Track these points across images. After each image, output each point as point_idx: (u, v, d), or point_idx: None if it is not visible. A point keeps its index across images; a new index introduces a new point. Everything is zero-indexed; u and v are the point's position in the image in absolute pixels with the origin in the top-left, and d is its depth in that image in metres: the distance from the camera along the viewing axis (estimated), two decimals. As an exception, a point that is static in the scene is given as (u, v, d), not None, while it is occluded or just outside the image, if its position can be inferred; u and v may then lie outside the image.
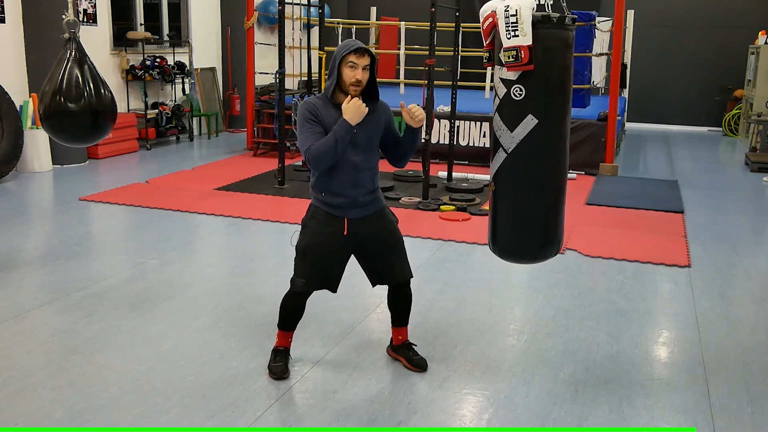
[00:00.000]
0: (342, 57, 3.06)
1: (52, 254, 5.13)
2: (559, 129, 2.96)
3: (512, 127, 2.91)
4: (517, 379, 3.37)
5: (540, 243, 3.05)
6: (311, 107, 3.12)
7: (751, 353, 3.73)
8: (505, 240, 3.09)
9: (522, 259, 3.17)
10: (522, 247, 3.08)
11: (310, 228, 3.22)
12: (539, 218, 3.02)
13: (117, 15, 9.70)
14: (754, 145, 10.18)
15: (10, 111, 7.65)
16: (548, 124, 2.90)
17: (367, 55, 3.07)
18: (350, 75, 3.06)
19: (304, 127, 3.10)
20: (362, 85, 3.09)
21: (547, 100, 2.89)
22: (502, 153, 2.95)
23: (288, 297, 3.32)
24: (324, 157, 3.03)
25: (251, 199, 6.92)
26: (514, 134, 2.91)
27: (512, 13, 2.78)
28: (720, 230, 6.15)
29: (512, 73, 2.87)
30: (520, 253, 3.12)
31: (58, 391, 3.15)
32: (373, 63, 3.10)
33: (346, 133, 3.03)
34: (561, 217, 3.09)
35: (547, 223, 3.03)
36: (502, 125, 2.94)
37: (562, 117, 2.95)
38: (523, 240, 3.06)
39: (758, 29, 12.18)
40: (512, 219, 3.04)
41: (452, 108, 7.58)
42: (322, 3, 8.17)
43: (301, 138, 3.10)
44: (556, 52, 2.85)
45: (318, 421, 2.97)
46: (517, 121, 2.90)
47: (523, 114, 2.88)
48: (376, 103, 3.20)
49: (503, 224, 3.06)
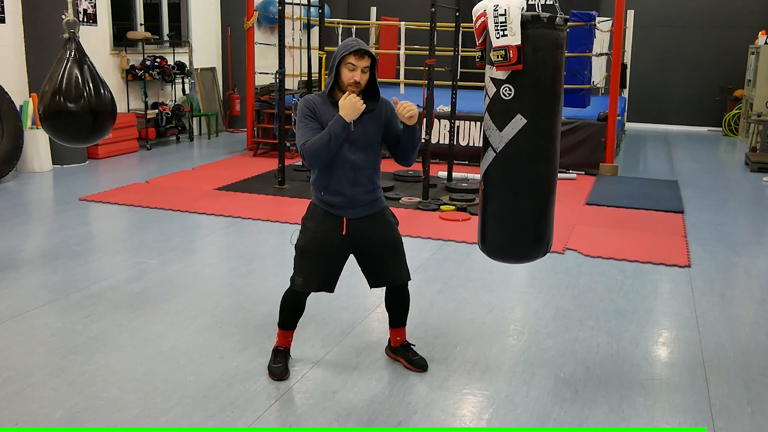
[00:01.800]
0: (341, 57, 3.06)
1: (52, 254, 5.13)
2: (549, 129, 2.95)
3: (501, 127, 2.91)
4: (517, 379, 3.37)
5: (529, 243, 3.05)
6: (310, 104, 3.13)
7: (751, 353, 3.73)
8: (493, 240, 3.08)
9: (511, 258, 3.16)
10: (511, 246, 3.08)
11: (309, 227, 3.22)
12: (528, 218, 3.01)
13: (117, 15, 9.70)
14: (754, 145, 10.18)
15: (10, 111, 7.65)
16: (537, 125, 2.89)
17: (367, 56, 3.06)
18: (349, 76, 3.06)
19: (302, 123, 3.11)
20: (361, 86, 3.08)
21: (537, 100, 2.89)
22: (491, 152, 2.96)
23: (287, 295, 3.33)
24: (318, 153, 3.03)
25: (251, 199, 6.92)
26: (503, 134, 2.91)
27: (501, 13, 2.78)
28: (720, 230, 6.15)
29: (502, 73, 2.87)
30: (509, 252, 3.11)
31: (58, 391, 3.15)
32: (373, 64, 3.09)
33: (341, 129, 3.02)
34: (550, 217, 3.08)
35: (536, 223, 3.02)
36: (492, 124, 2.94)
37: (551, 117, 2.94)
38: (512, 240, 3.05)
39: (758, 29, 12.19)
40: (501, 219, 3.03)
41: (452, 108, 7.58)
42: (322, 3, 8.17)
43: (298, 134, 3.11)
44: (546, 52, 2.84)
45: (318, 421, 2.97)
46: (506, 121, 2.89)
47: (512, 114, 2.88)
48: (376, 102, 3.19)
49: (492, 224, 3.06)
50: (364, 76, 3.07)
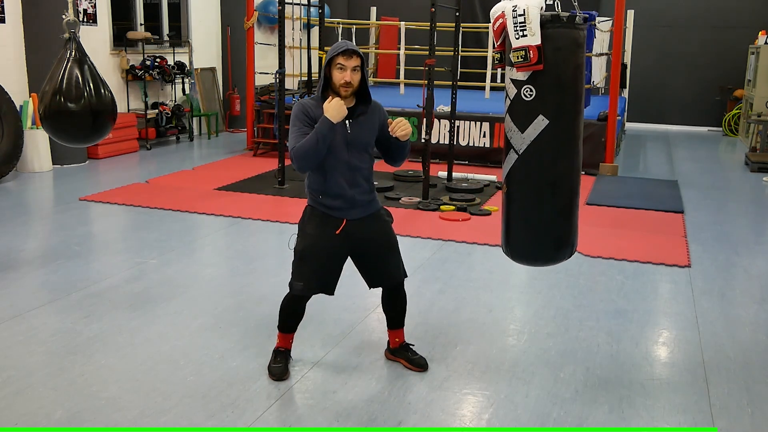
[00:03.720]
0: (330, 59, 3.07)
1: (52, 254, 5.13)
2: (571, 129, 2.91)
3: (523, 128, 2.87)
4: (517, 379, 3.37)
5: (553, 246, 3.01)
6: (303, 108, 3.14)
7: (751, 353, 3.72)
8: (517, 243, 3.04)
9: (535, 261, 3.12)
10: (535, 250, 3.04)
11: (308, 231, 3.22)
12: (552, 220, 2.97)
13: (117, 15, 9.70)
14: (754, 145, 10.18)
15: (10, 111, 7.65)
16: (560, 125, 2.86)
17: (355, 56, 3.07)
18: (339, 77, 3.07)
19: (295, 127, 3.12)
20: (353, 86, 3.09)
21: (558, 100, 2.85)
22: (514, 154, 2.92)
23: (287, 300, 3.33)
24: (307, 156, 3.04)
25: (251, 199, 6.92)
26: (525, 135, 2.88)
27: (520, 13, 2.75)
28: (720, 230, 6.15)
29: (522, 74, 2.83)
30: (533, 256, 3.07)
31: (58, 391, 3.15)
32: (362, 64, 3.10)
33: (328, 131, 3.03)
34: (575, 219, 3.03)
35: (560, 226, 2.99)
36: (513, 126, 2.90)
37: (574, 117, 2.90)
38: (536, 243, 3.01)
39: (758, 29, 12.18)
40: (525, 221, 3.00)
41: (452, 108, 7.58)
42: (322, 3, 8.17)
43: (290, 138, 3.12)
44: (567, 52, 2.81)
45: (318, 421, 2.97)
46: (528, 122, 2.86)
47: (534, 115, 2.84)
48: (368, 104, 3.20)
49: (516, 227, 3.02)
50: (355, 75, 3.08)
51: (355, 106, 3.17)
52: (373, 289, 3.39)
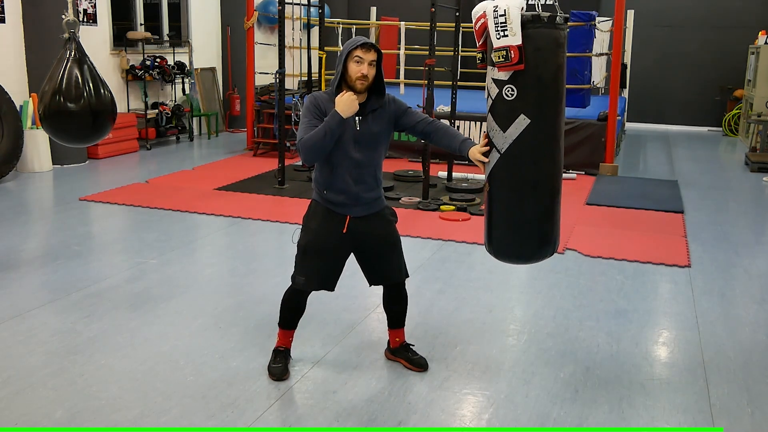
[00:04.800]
0: (348, 52, 3.07)
1: (52, 254, 5.13)
2: (553, 129, 2.94)
3: (504, 128, 2.90)
4: (517, 379, 3.37)
5: (535, 244, 3.04)
6: (315, 101, 3.14)
7: (751, 353, 3.73)
8: (500, 241, 3.08)
9: (518, 259, 3.15)
10: (517, 247, 3.07)
11: (311, 225, 3.22)
12: (534, 219, 3.00)
13: (117, 15, 9.70)
14: (754, 145, 10.18)
15: (10, 111, 7.65)
16: (541, 124, 2.88)
17: (373, 50, 3.09)
18: (356, 70, 3.07)
19: (305, 119, 3.12)
20: (369, 80, 3.09)
21: (540, 99, 2.88)
22: (496, 153, 2.95)
23: (288, 294, 3.33)
24: (314, 148, 3.04)
25: (251, 199, 6.92)
26: (506, 134, 2.90)
27: (501, 13, 2.77)
28: (720, 230, 6.15)
29: (503, 74, 2.86)
30: (516, 253, 3.10)
31: (58, 391, 3.15)
32: (380, 59, 3.11)
33: (336, 125, 3.03)
34: (557, 217, 3.07)
35: (542, 224, 3.01)
36: (495, 126, 2.93)
37: (555, 117, 2.93)
38: (519, 241, 3.04)
39: (758, 29, 12.19)
40: (507, 220, 3.02)
41: (452, 108, 7.57)
42: (322, 3, 8.17)
43: (300, 129, 3.12)
44: (548, 52, 2.83)
45: (318, 421, 2.97)
46: (510, 122, 2.88)
47: (515, 114, 2.87)
48: (382, 98, 3.20)
49: (498, 225, 3.05)
50: (372, 70, 3.09)
51: (366, 102, 3.17)
52: (374, 288, 3.39)
